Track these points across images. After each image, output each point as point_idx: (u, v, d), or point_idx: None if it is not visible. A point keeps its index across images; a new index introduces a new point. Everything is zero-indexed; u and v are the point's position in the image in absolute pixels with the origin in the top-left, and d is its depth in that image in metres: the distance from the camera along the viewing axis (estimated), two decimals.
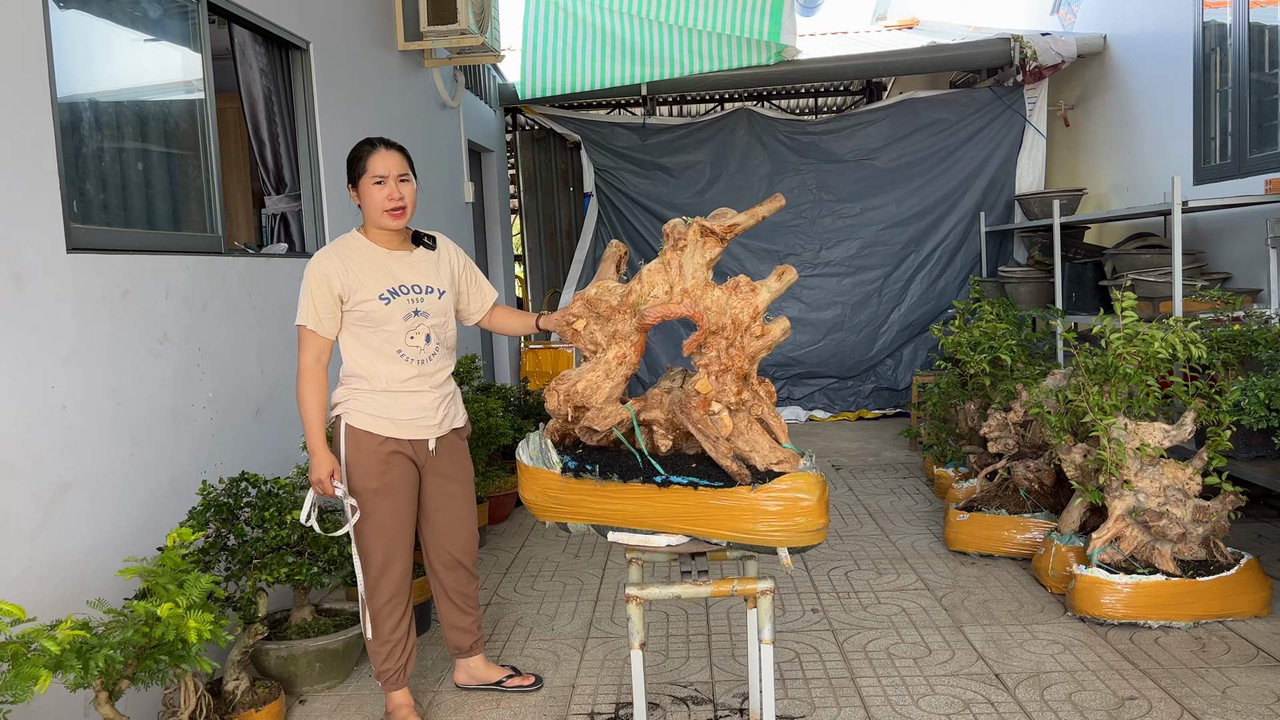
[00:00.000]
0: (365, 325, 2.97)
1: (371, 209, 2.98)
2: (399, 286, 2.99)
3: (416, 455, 3.06)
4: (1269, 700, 3.04)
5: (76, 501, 2.86)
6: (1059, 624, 3.74)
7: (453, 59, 6.40)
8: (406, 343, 2.99)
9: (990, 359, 5.01)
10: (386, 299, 2.96)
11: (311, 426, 2.92)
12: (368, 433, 2.97)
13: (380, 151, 2.97)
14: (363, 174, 2.97)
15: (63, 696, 2.71)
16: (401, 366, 2.99)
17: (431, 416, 3.06)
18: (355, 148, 3.02)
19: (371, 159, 2.96)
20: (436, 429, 3.08)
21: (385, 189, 2.96)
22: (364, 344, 2.98)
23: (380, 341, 2.98)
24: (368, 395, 2.98)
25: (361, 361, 2.99)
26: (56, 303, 2.83)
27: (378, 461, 2.97)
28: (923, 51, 8.23)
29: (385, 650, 3.09)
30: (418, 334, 3.00)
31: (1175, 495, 3.66)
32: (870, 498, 5.84)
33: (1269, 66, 5.43)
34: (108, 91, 3.33)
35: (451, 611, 3.30)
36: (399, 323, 2.98)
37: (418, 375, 3.01)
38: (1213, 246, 6.01)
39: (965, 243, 8.44)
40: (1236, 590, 3.63)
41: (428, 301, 3.04)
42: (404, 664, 3.12)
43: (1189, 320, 4.23)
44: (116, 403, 3.08)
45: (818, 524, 2.54)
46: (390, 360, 2.98)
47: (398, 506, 3.02)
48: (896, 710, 3.10)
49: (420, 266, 3.08)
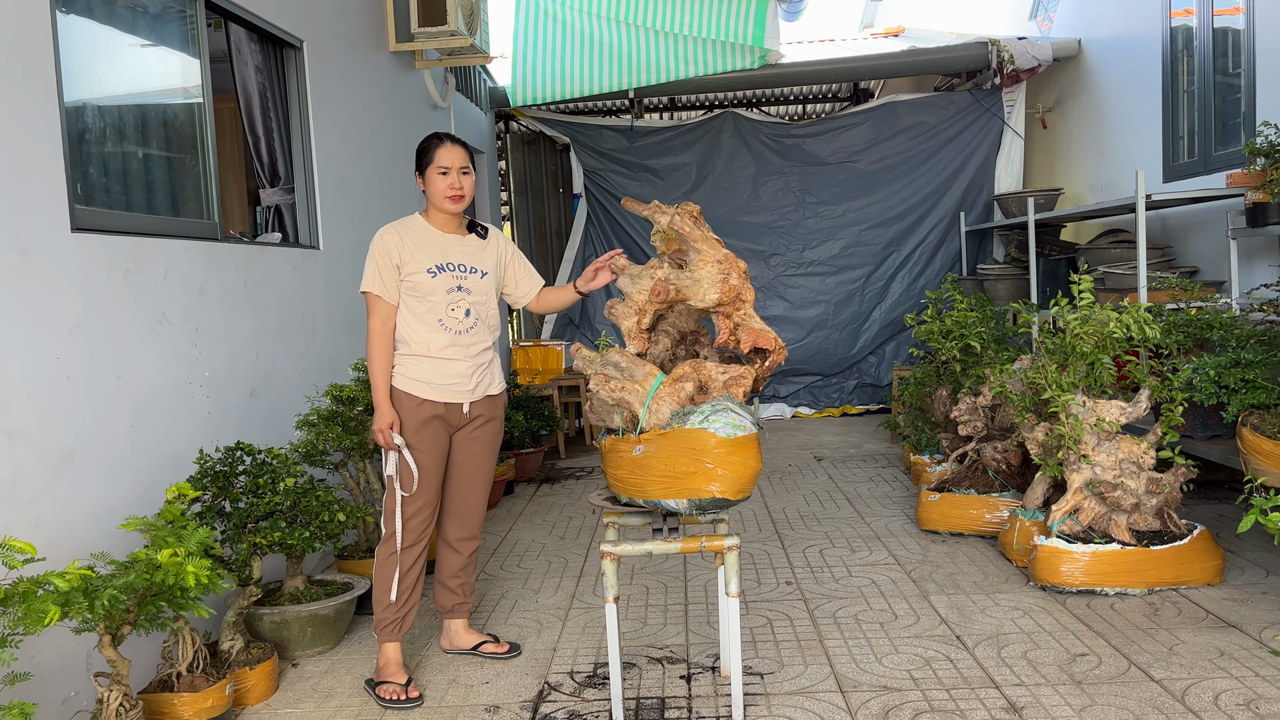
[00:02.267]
0: (414, 295, 3.31)
1: (435, 194, 3.35)
2: (446, 263, 3.35)
3: (450, 417, 3.37)
4: (1213, 655, 3.21)
5: (80, 468, 3.02)
6: (1021, 593, 3.90)
7: (443, 60, 6.58)
8: (448, 313, 3.32)
9: (961, 346, 5.19)
10: (434, 272, 3.31)
11: (377, 383, 3.29)
12: (407, 394, 3.30)
13: (446, 145, 3.36)
14: (430, 163, 3.34)
15: (64, 645, 2.86)
16: (440, 335, 3.31)
17: (466, 383, 3.36)
18: (425, 140, 3.41)
19: (439, 151, 3.34)
20: (470, 394, 3.39)
21: (449, 179, 3.33)
22: (411, 312, 3.32)
23: (425, 310, 3.31)
24: (409, 360, 3.32)
25: (407, 328, 3.32)
26: (62, 278, 2.99)
27: (414, 420, 3.30)
28: (903, 55, 8.44)
29: (388, 599, 3.29)
30: (458, 307, 3.33)
31: (1130, 468, 3.83)
32: (849, 485, 6.01)
33: (1232, 67, 5.63)
34: (109, 82, 3.50)
35: (450, 559, 3.54)
36: (442, 295, 3.31)
37: (454, 345, 3.33)
38: (1181, 242, 6.21)
39: (945, 242, 8.63)
40: (1190, 559, 3.79)
41: (470, 280, 3.38)
42: (403, 616, 3.32)
43: (1148, 307, 4.41)
44: (118, 376, 3.23)
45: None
46: (431, 328, 3.31)
47: (428, 461, 3.33)
48: (860, 667, 3.26)
49: (469, 250, 3.42)
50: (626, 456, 2.81)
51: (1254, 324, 4.31)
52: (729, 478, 2.68)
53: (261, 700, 3.23)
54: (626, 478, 2.82)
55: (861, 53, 8.82)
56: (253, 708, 3.19)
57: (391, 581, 3.30)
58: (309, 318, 4.72)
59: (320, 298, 4.86)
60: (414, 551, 3.32)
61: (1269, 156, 4.32)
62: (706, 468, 2.67)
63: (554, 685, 3.25)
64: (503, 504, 5.99)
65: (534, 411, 6.75)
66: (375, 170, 5.69)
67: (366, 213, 5.45)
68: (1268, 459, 3.48)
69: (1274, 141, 4.32)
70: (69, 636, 2.86)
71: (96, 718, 2.54)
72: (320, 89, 4.97)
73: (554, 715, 3.02)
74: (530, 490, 6.39)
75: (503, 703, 3.14)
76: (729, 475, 2.68)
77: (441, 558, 3.58)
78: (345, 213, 5.20)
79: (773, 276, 8.80)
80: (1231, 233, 5.09)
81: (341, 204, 5.15)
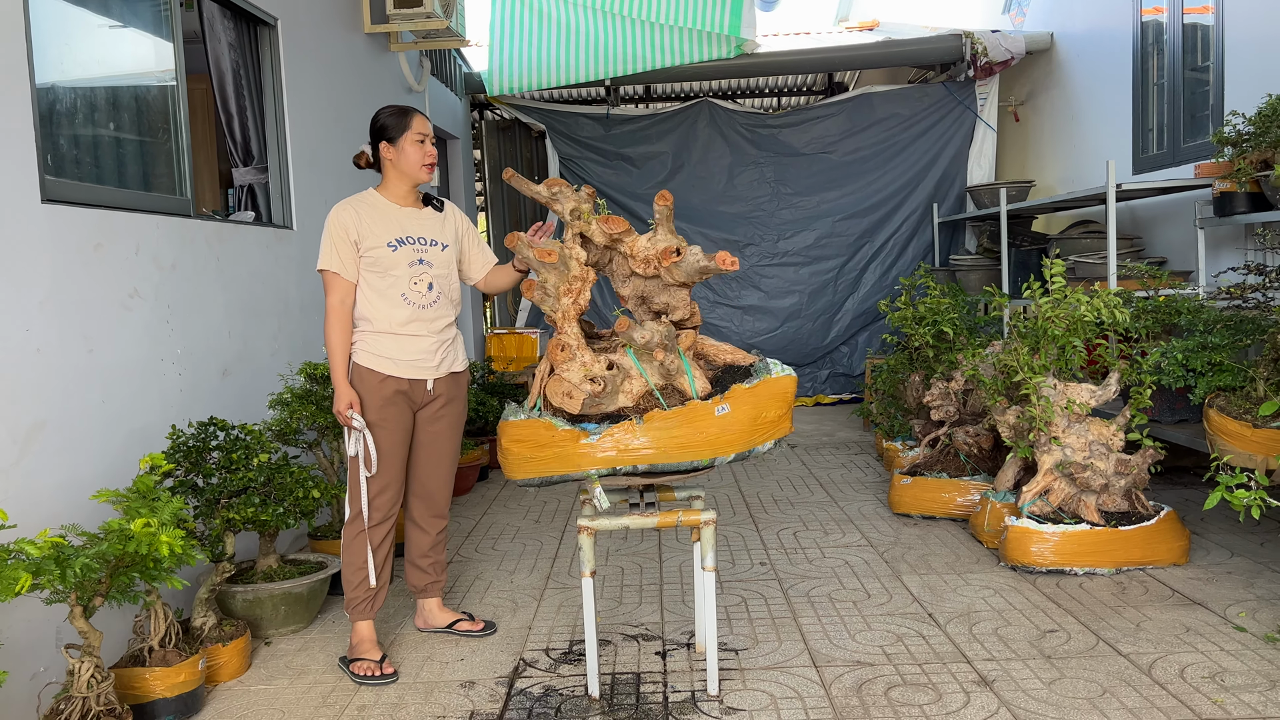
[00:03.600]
0: (375, 270, 3.25)
1: (410, 163, 3.30)
2: (406, 236, 3.29)
3: (414, 394, 3.32)
4: (1179, 631, 3.26)
5: (50, 441, 2.98)
6: (992, 573, 3.94)
7: (419, 43, 6.54)
8: (410, 287, 3.26)
9: (934, 332, 5.23)
10: (394, 245, 3.25)
11: (335, 363, 3.23)
12: (370, 370, 3.25)
13: (419, 115, 3.33)
14: (407, 130, 3.28)
15: (32, 620, 2.82)
16: (402, 309, 3.26)
17: (430, 359, 3.32)
18: (394, 110, 3.32)
19: (415, 118, 3.30)
20: (434, 370, 3.34)
21: (425, 146, 3.31)
22: (372, 288, 3.26)
23: (386, 285, 3.25)
24: (372, 337, 3.26)
25: (368, 304, 3.26)
26: (32, 249, 2.95)
27: (378, 397, 3.24)
28: (878, 46, 8.49)
29: (359, 578, 3.27)
30: (420, 280, 3.28)
31: (1099, 449, 3.89)
32: (822, 471, 6.05)
33: (1201, 61, 5.71)
34: (81, 51, 3.45)
35: (419, 539, 3.51)
36: (404, 268, 3.26)
37: (417, 319, 3.28)
38: (1150, 233, 6.29)
39: (918, 233, 8.69)
40: (1157, 539, 3.85)
41: (431, 253, 3.33)
42: (373, 595, 3.29)
43: (1118, 292, 4.47)
44: (88, 350, 3.19)
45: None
46: (394, 303, 3.25)
47: (392, 439, 3.28)
48: (834, 643, 3.29)
49: (427, 222, 3.37)
50: (708, 418, 2.83)
51: (1220, 308, 4.38)
52: (791, 415, 2.96)
53: (234, 677, 3.21)
54: (701, 440, 2.83)
55: (837, 43, 8.86)
56: (225, 684, 3.16)
57: (362, 560, 3.27)
58: (281, 297, 4.68)
59: (293, 278, 4.82)
60: (381, 530, 3.29)
61: (1236, 145, 4.39)
62: (787, 410, 2.91)
63: (529, 661, 3.25)
64: (477, 489, 5.98)
65: (509, 398, 6.74)
66: (348, 152, 5.64)
67: (340, 194, 5.41)
68: (1233, 439, 3.54)
69: (1242, 130, 4.39)
70: (37, 611, 2.82)
71: (67, 690, 2.51)
72: (294, 69, 4.92)
73: (530, 690, 3.03)
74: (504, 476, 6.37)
75: (478, 679, 3.13)
76: (791, 414, 2.97)
77: (410, 538, 3.55)
78: (318, 193, 5.16)
79: (748, 267, 8.83)
80: (1199, 222, 5.16)
81: (314, 185, 5.11)
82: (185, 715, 2.89)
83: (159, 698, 2.82)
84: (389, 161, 3.31)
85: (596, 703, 2.90)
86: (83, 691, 2.49)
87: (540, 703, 2.93)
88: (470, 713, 2.89)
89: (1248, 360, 3.86)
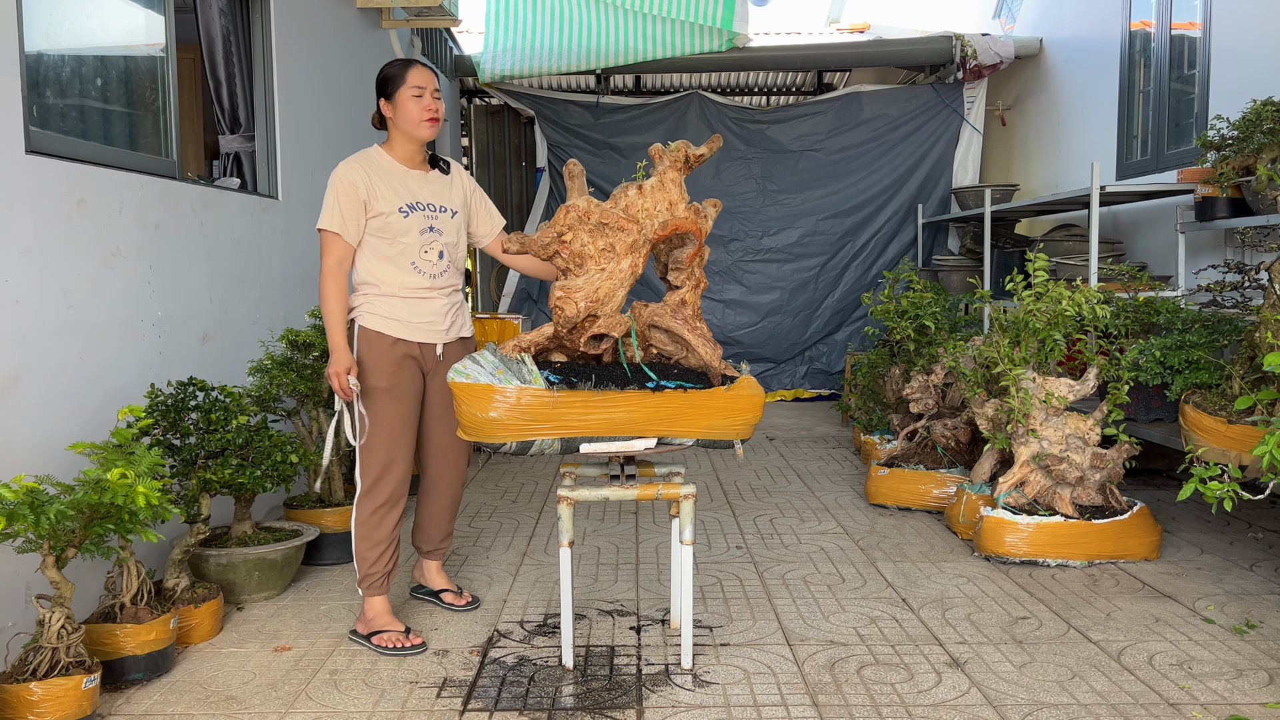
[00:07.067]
0: (383, 236, 3.12)
1: (408, 119, 3.13)
2: (416, 202, 3.16)
3: (424, 359, 3.21)
4: (1148, 621, 3.30)
5: (26, 393, 2.94)
6: (966, 562, 3.97)
7: (410, 20, 6.51)
8: (420, 256, 3.15)
9: (915, 326, 5.26)
10: (405, 212, 3.12)
11: (333, 325, 3.06)
12: (379, 333, 3.12)
13: (418, 67, 3.14)
14: (402, 85, 3.11)
15: (2, 575, 2.79)
16: (414, 277, 3.14)
17: (440, 322, 3.21)
18: (390, 65, 3.17)
19: (411, 72, 3.12)
20: (444, 335, 3.24)
21: (424, 100, 3.12)
22: (379, 254, 3.13)
23: (396, 253, 3.13)
24: (380, 299, 3.13)
25: (374, 271, 3.13)
26: (14, 199, 2.91)
27: (388, 362, 3.12)
28: (868, 45, 8.53)
29: (375, 554, 3.16)
30: (431, 249, 3.17)
31: (1076, 443, 3.92)
32: (800, 463, 6.07)
33: (1187, 68, 5.77)
34: (70, 6, 3.41)
35: (432, 504, 3.41)
36: (415, 236, 3.13)
37: (429, 286, 3.17)
38: (1131, 238, 6.35)
39: (899, 234, 8.74)
40: (1129, 533, 3.89)
41: (441, 220, 3.21)
42: (389, 570, 3.21)
43: (1098, 289, 4.51)
44: (68, 305, 3.16)
45: (758, 419, 2.88)
46: (404, 271, 3.14)
47: (403, 407, 3.15)
48: (808, 624, 3.30)
49: (435, 187, 3.24)
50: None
51: (1198, 307, 4.43)
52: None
53: (205, 640, 3.18)
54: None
55: (828, 41, 8.89)
56: (196, 646, 3.14)
57: (379, 536, 3.15)
58: (264, 266, 4.65)
59: (277, 248, 4.79)
60: (395, 512, 3.18)
61: (1220, 149, 4.44)
62: None
63: (504, 633, 3.25)
64: None
65: None
66: (336, 125, 5.62)
67: (326, 166, 5.37)
68: (1207, 434, 3.58)
69: (1226, 134, 4.44)
70: (7, 565, 2.79)
71: (36, 640, 2.48)
72: (285, 39, 4.89)
73: (504, 659, 3.02)
74: (481, 457, 6.36)
75: (452, 648, 3.12)
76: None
77: (422, 502, 3.45)
78: (305, 165, 5.13)
79: (731, 261, 8.84)
80: (1180, 227, 5.22)
81: (302, 156, 5.08)
82: (155, 674, 2.87)
83: (129, 654, 2.79)
84: (390, 119, 3.18)
85: (570, 673, 2.90)
86: (52, 642, 2.47)
87: (514, 671, 2.93)
88: (444, 679, 2.88)
89: (1224, 359, 3.90)
